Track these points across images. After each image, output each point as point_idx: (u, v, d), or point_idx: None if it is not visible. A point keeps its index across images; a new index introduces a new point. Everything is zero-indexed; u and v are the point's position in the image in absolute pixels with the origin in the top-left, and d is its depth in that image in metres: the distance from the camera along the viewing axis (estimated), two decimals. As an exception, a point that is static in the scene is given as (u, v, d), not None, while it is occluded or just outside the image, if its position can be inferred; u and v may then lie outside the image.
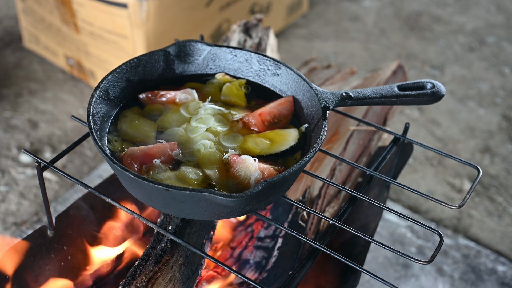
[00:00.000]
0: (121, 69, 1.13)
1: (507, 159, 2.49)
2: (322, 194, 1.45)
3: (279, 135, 1.09)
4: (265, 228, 1.47)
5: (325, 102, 1.09)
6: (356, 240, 1.38)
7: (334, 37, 3.31)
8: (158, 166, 1.00)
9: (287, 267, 1.37)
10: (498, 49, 3.26)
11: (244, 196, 0.86)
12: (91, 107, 1.04)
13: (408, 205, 2.24)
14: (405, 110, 2.74)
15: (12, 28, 3.15)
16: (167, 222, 1.17)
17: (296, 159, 1.06)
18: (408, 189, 1.08)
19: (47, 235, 1.29)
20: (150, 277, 1.08)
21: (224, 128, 1.10)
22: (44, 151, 2.37)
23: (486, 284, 1.94)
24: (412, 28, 3.41)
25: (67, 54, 2.73)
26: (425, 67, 3.10)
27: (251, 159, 1.00)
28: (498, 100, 2.86)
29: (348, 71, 1.91)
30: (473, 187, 1.08)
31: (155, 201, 0.97)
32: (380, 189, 1.48)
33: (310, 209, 1.04)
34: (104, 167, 2.28)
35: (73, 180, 1.09)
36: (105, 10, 2.36)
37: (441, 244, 0.97)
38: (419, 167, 2.43)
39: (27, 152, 1.12)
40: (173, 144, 1.04)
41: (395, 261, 2.00)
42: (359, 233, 0.98)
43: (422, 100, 1.12)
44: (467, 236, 2.13)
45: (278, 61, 1.19)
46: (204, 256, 1.00)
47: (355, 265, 0.96)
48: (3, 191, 2.18)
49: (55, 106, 2.64)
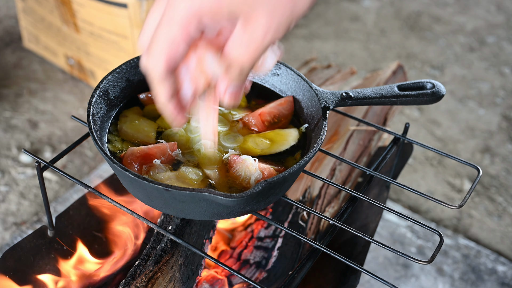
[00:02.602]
0: (121, 69, 1.13)
1: (507, 159, 2.49)
2: (322, 194, 1.45)
3: (279, 135, 1.09)
4: (265, 228, 1.47)
5: (325, 102, 1.09)
6: (356, 240, 1.38)
7: (334, 37, 3.31)
8: (158, 166, 1.00)
9: (287, 267, 1.37)
10: (498, 49, 3.26)
11: (244, 196, 0.86)
12: (91, 107, 1.04)
13: (408, 205, 2.24)
14: (405, 110, 2.74)
15: (12, 28, 3.15)
16: (167, 222, 1.17)
17: (296, 159, 1.06)
18: (408, 189, 1.08)
19: (47, 235, 1.29)
20: (150, 277, 1.08)
21: (224, 128, 1.10)
22: (44, 151, 2.37)
23: (486, 284, 1.94)
24: (412, 28, 3.41)
25: (67, 54, 2.73)
26: (425, 67, 3.10)
27: (251, 159, 1.00)
28: (498, 100, 2.86)
29: (348, 71, 1.91)
30: (473, 187, 1.08)
31: (155, 201, 0.97)
32: (380, 189, 1.48)
33: (310, 209, 1.04)
34: (104, 167, 2.28)
35: (73, 180, 1.09)
36: (105, 10, 2.36)
37: (441, 244, 0.97)
38: (419, 167, 2.43)
39: (27, 152, 1.12)
40: (173, 144, 1.04)
41: (395, 261, 2.00)
42: (359, 233, 0.98)
43: (422, 100, 1.12)
44: (467, 236, 2.13)
45: (278, 61, 1.19)
46: (204, 256, 1.00)
47: (355, 265, 0.96)
48: (3, 191, 2.18)
49: (55, 106, 2.64)
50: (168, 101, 0.81)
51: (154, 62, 0.76)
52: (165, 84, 0.78)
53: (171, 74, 0.78)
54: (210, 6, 0.72)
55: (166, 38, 0.74)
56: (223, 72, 0.75)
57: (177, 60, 0.76)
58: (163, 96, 0.80)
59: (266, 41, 0.71)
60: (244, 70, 0.75)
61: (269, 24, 0.69)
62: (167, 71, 0.76)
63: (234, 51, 0.73)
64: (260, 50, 0.72)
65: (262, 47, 0.72)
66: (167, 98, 0.80)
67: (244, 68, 0.74)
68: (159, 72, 0.76)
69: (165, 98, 0.80)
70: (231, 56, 0.73)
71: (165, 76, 0.77)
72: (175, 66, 0.77)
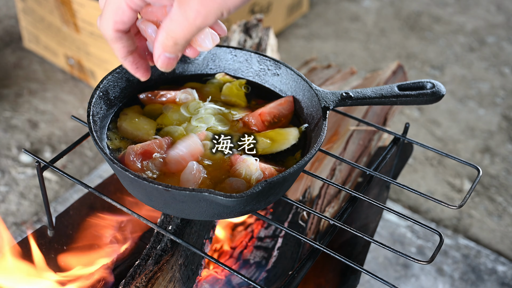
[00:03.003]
0: (121, 69, 1.13)
1: (507, 159, 2.49)
2: (322, 194, 1.46)
3: (279, 134, 1.09)
4: (265, 228, 1.47)
5: (325, 102, 1.09)
6: (356, 240, 1.38)
7: (334, 37, 3.31)
8: (158, 158, 1.01)
9: (287, 267, 1.37)
10: (498, 49, 3.26)
11: (244, 196, 0.86)
12: (91, 107, 1.04)
13: (408, 205, 2.24)
14: (405, 110, 2.74)
15: (12, 28, 3.15)
16: (167, 222, 1.17)
17: (297, 159, 1.06)
18: (408, 189, 1.08)
19: (47, 235, 1.29)
20: (150, 277, 1.08)
21: (224, 128, 1.10)
22: (44, 151, 2.37)
23: (486, 284, 1.94)
24: (412, 28, 3.41)
25: (67, 54, 2.73)
26: (425, 67, 3.10)
27: (252, 158, 1.00)
28: (498, 100, 2.86)
29: (348, 71, 1.91)
30: (473, 187, 1.08)
31: (155, 201, 0.97)
32: (380, 189, 1.48)
33: (310, 209, 1.04)
34: (104, 167, 2.28)
35: (73, 180, 1.09)
36: (105, 10, 2.36)
37: (441, 244, 0.97)
38: (419, 167, 2.43)
39: (27, 152, 1.12)
40: (168, 139, 1.04)
41: (395, 261, 2.00)
42: (359, 233, 0.98)
43: (422, 100, 1.12)
44: (467, 236, 2.13)
45: (278, 61, 1.19)
46: (204, 256, 1.00)
47: (355, 265, 0.96)
48: (3, 191, 2.18)
49: (55, 106, 2.64)
50: (124, 58, 0.91)
51: (104, 26, 0.86)
52: (118, 44, 0.88)
53: (123, 36, 0.87)
54: None
55: (112, 8, 0.84)
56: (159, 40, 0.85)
57: (126, 25, 0.85)
58: (118, 54, 0.91)
59: (196, 23, 0.80)
60: (177, 43, 0.84)
61: (199, 9, 0.78)
62: (116, 34, 0.86)
63: (169, 25, 0.82)
64: (192, 30, 0.81)
65: (193, 27, 0.81)
66: (122, 56, 0.90)
67: (177, 42, 0.84)
68: (109, 34, 0.86)
69: (120, 56, 0.90)
70: (166, 29, 0.83)
71: (116, 38, 0.87)
72: (125, 29, 0.86)
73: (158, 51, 0.86)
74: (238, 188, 0.97)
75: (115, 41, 0.87)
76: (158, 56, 0.86)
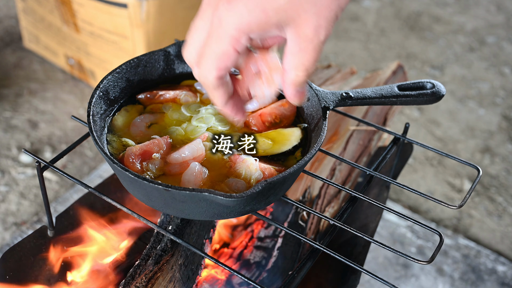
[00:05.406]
0: (121, 69, 1.13)
1: (507, 159, 2.49)
2: (322, 194, 1.46)
3: (281, 135, 1.09)
4: (265, 228, 1.47)
5: (325, 102, 1.09)
6: (356, 240, 1.38)
7: (334, 37, 3.31)
8: (157, 158, 1.01)
9: (287, 267, 1.37)
10: (498, 49, 3.26)
11: (244, 196, 0.86)
12: (91, 107, 1.04)
13: (408, 205, 2.24)
14: (405, 110, 2.74)
15: (12, 28, 3.15)
16: (167, 222, 1.17)
17: (297, 158, 1.06)
18: (408, 189, 1.08)
19: (47, 235, 1.29)
20: (150, 277, 1.08)
21: (225, 128, 1.10)
22: (44, 151, 2.37)
23: (486, 284, 1.94)
24: (412, 28, 3.42)
25: (67, 54, 2.73)
26: (425, 67, 3.10)
27: (252, 159, 1.00)
28: (498, 100, 2.86)
29: (348, 71, 1.91)
30: (473, 187, 1.08)
31: (155, 201, 0.97)
32: (380, 189, 1.48)
33: (310, 209, 1.04)
34: (104, 167, 2.28)
35: (73, 180, 1.09)
36: (105, 10, 2.36)
37: (441, 244, 0.97)
38: (419, 167, 2.43)
39: (27, 152, 1.12)
40: (166, 138, 1.04)
41: (395, 261, 2.00)
42: (359, 233, 0.98)
43: (422, 100, 1.12)
44: (467, 236, 2.13)
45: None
46: (204, 256, 1.00)
47: (355, 265, 0.96)
48: (3, 191, 2.18)
49: (55, 106, 2.64)
50: (225, 104, 0.88)
51: (206, 74, 0.82)
52: (219, 91, 0.85)
53: (224, 81, 0.84)
54: (258, 21, 0.76)
55: (216, 53, 0.79)
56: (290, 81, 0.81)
57: (228, 68, 0.82)
58: (219, 101, 0.87)
59: (321, 39, 0.76)
60: (309, 71, 0.80)
61: (319, 23, 0.74)
62: (219, 80, 0.83)
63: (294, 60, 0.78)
64: (320, 49, 0.77)
65: (320, 45, 0.77)
66: (223, 102, 0.87)
67: (309, 70, 0.80)
68: (211, 82, 0.83)
69: (221, 102, 0.87)
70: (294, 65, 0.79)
71: (218, 84, 0.83)
72: (226, 73, 0.83)
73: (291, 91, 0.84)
74: (238, 188, 0.97)
75: (217, 88, 0.84)
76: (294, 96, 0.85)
